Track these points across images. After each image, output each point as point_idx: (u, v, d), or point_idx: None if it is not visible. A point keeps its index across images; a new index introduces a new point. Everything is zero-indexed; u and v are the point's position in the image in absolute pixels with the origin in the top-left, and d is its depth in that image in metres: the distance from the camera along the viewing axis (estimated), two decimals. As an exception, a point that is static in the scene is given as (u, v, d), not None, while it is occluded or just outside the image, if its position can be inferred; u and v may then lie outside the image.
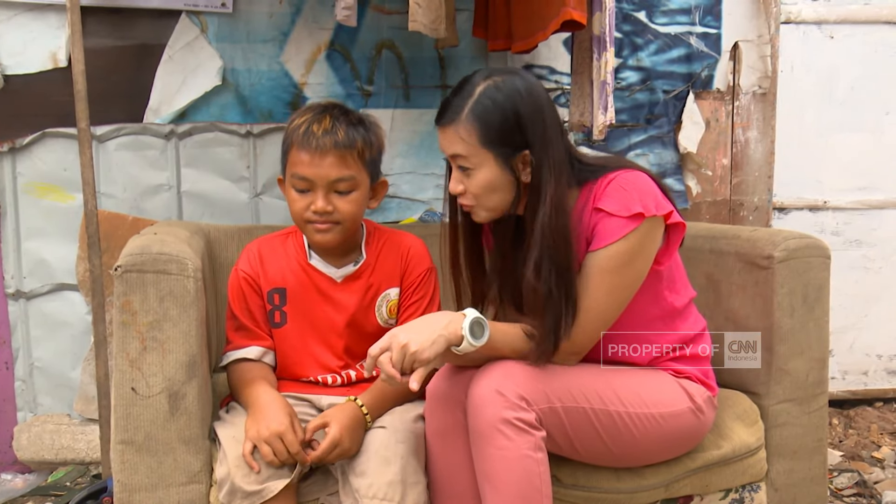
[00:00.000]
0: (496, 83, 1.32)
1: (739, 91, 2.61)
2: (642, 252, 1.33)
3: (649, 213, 1.30)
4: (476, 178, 1.34)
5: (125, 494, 1.34)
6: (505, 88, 1.31)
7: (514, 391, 1.27)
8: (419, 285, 1.55)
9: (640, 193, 1.31)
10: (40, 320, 2.26)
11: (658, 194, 1.34)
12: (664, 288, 1.42)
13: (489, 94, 1.31)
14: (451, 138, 1.34)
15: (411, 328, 1.27)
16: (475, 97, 1.32)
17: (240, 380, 1.46)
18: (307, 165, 1.42)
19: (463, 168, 1.35)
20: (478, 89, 1.32)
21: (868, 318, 2.78)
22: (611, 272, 1.31)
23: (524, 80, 1.34)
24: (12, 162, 2.20)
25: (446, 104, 1.35)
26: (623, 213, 1.30)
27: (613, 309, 1.35)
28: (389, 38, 2.37)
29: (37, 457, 2.25)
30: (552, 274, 1.29)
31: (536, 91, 1.34)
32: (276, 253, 1.54)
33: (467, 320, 1.26)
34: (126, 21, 2.22)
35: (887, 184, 2.75)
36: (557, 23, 1.79)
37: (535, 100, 1.32)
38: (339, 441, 1.33)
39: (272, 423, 1.30)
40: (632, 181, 1.33)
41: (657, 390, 1.40)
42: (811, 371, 1.60)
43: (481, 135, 1.31)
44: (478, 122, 1.31)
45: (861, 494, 2.17)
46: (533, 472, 1.26)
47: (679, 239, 1.40)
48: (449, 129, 1.34)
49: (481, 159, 1.32)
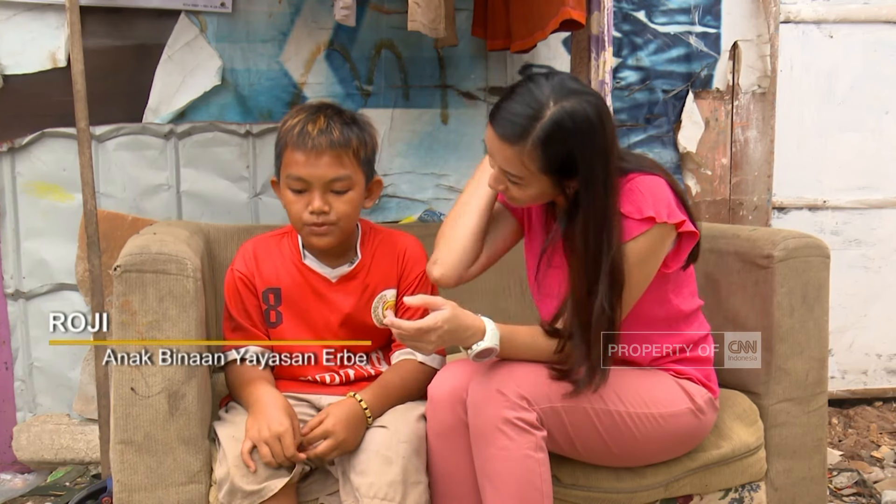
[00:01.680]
0: (566, 111, 1.24)
1: (739, 91, 2.61)
2: (650, 256, 1.33)
3: (660, 218, 1.29)
4: (526, 191, 1.32)
5: (125, 494, 1.33)
6: (577, 119, 1.24)
7: (515, 391, 1.27)
8: (417, 286, 1.55)
9: (655, 199, 1.31)
10: (40, 320, 2.25)
11: (672, 202, 1.34)
12: (670, 291, 1.42)
13: (560, 123, 1.24)
14: (508, 157, 1.28)
15: (450, 333, 1.26)
16: (544, 122, 1.24)
17: (239, 380, 1.46)
18: (303, 166, 1.41)
19: (513, 181, 1.32)
20: (547, 112, 1.24)
21: (867, 317, 2.78)
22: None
23: (595, 109, 1.26)
24: (12, 162, 2.20)
25: (506, 111, 1.27)
26: (635, 215, 1.30)
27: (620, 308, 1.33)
28: (389, 38, 2.37)
29: (36, 457, 2.25)
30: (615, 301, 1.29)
31: (605, 121, 1.28)
32: (271, 253, 1.54)
33: (480, 345, 1.27)
34: (125, 21, 2.22)
35: (887, 183, 2.75)
36: (556, 22, 1.80)
37: (605, 133, 1.27)
38: (331, 432, 1.32)
39: (273, 423, 1.30)
40: (648, 185, 1.32)
41: (658, 390, 1.40)
42: (811, 370, 1.60)
43: (543, 164, 1.26)
44: (543, 151, 1.25)
45: (860, 494, 2.17)
46: (534, 472, 1.26)
47: (690, 245, 1.39)
48: (509, 148, 1.27)
49: (537, 181, 1.30)
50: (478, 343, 1.27)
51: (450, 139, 2.43)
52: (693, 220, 1.37)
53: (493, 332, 1.28)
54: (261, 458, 1.29)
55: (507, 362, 1.31)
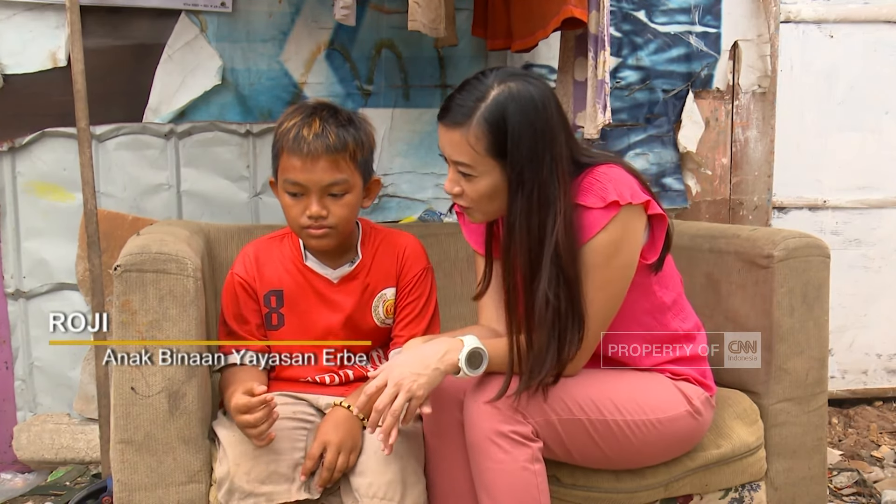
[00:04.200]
0: (511, 90, 1.24)
1: (739, 90, 2.61)
2: (626, 241, 1.29)
3: (624, 200, 1.26)
4: (477, 185, 1.29)
5: (125, 494, 1.33)
6: (521, 98, 1.24)
7: (509, 404, 1.26)
8: (415, 285, 1.55)
9: (615, 183, 1.28)
10: (40, 320, 2.25)
11: (634, 184, 1.31)
12: (654, 283, 1.40)
13: (503, 101, 1.24)
14: (455, 141, 1.27)
15: (407, 362, 1.26)
16: (488, 101, 1.24)
17: (223, 385, 1.45)
18: (299, 171, 1.40)
19: (464, 174, 1.29)
20: (491, 93, 1.24)
21: (867, 317, 2.78)
22: (599, 266, 1.28)
23: (539, 91, 1.26)
24: (12, 161, 2.20)
25: (452, 101, 1.28)
26: (599, 203, 1.27)
27: (609, 304, 1.32)
28: (389, 38, 2.37)
29: (36, 456, 2.25)
30: (561, 291, 1.26)
31: (551, 104, 1.27)
32: (272, 255, 1.54)
33: (465, 351, 1.26)
34: (125, 21, 2.22)
35: (887, 183, 2.75)
36: (558, 20, 1.79)
37: (550, 115, 1.26)
38: (325, 441, 1.33)
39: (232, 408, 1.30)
40: (605, 173, 1.30)
41: (654, 395, 1.38)
42: (811, 370, 1.60)
43: (490, 144, 1.25)
44: (489, 129, 1.24)
45: (860, 493, 2.17)
46: (531, 484, 1.26)
47: (663, 231, 1.36)
48: (455, 131, 1.26)
49: (487, 168, 1.27)
50: (461, 353, 1.26)
51: (450, 139, 2.43)
52: (658, 204, 1.34)
53: (472, 339, 1.28)
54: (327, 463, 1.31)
55: (500, 376, 1.29)
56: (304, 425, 1.40)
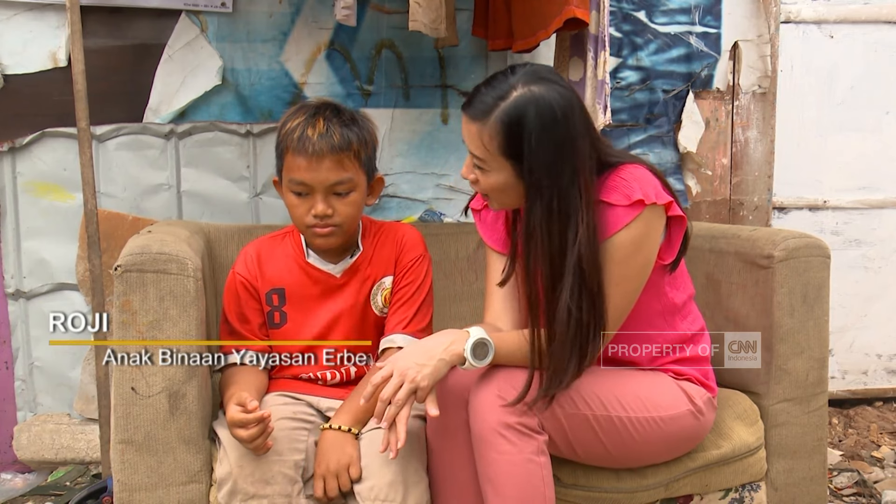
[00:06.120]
0: (533, 94, 1.24)
1: (739, 91, 2.61)
2: (646, 240, 1.31)
3: (649, 200, 1.28)
4: (489, 178, 1.31)
5: (125, 494, 1.33)
6: (541, 105, 1.23)
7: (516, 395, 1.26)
8: (410, 269, 1.55)
9: (641, 182, 1.30)
10: (40, 320, 2.25)
11: (658, 185, 1.33)
12: (666, 284, 1.42)
13: (522, 105, 1.23)
14: (472, 134, 1.28)
15: (412, 353, 1.26)
16: (508, 102, 1.24)
17: (223, 385, 1.46)
18: (304, 171, 1.41)
19: (478, 165, 1.31)
20: (513, 94, 1.24)
21: (868, 317, 2.78)
22: (618, 263, 1.29)
23: (562, 98, 1.24)
24: (12, 161, 2.20)
25: (477, 93, 1.28)
26: (624, 202, 1.28)
27: (624, 301, 1.33)
28: (389, 38, 2.37)
29: (37, 456, 2.25)
30: (584, 302, 1.26)
31: (573, 112, 1.25)
32: (274, 254, 1.54)
33: (470, 341, 1.26)
34: (126, 21, 2.22)
35: (887, 183, 2.75)
36: (560, 20, 1.79)
37: (571, 124, 1.25)
38: (321, 472, 1.33)
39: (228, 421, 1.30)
40: (631, 172, 1.32)
41: (658, 393, 1.39)
42: (811, 371, 1.60)
43: (504, 145, 1.26)
44: (504, 130, 1.24)
45: (861, 494, 2.17)
46: (536, 476, 1.26)
47: (681, 233, 1.38)
48: (473, 124, 1.28)
49: (499, 165, 1.28)
50: (466, 343, 1.26)
51: (450, 139, 2.43)
52: (679, 206, 1.36)
53: (478, 330, 1.28)
54: (328, 491, 1.31)
55: (506, 368, 1.30)
56: (305, 426, 1.40)
